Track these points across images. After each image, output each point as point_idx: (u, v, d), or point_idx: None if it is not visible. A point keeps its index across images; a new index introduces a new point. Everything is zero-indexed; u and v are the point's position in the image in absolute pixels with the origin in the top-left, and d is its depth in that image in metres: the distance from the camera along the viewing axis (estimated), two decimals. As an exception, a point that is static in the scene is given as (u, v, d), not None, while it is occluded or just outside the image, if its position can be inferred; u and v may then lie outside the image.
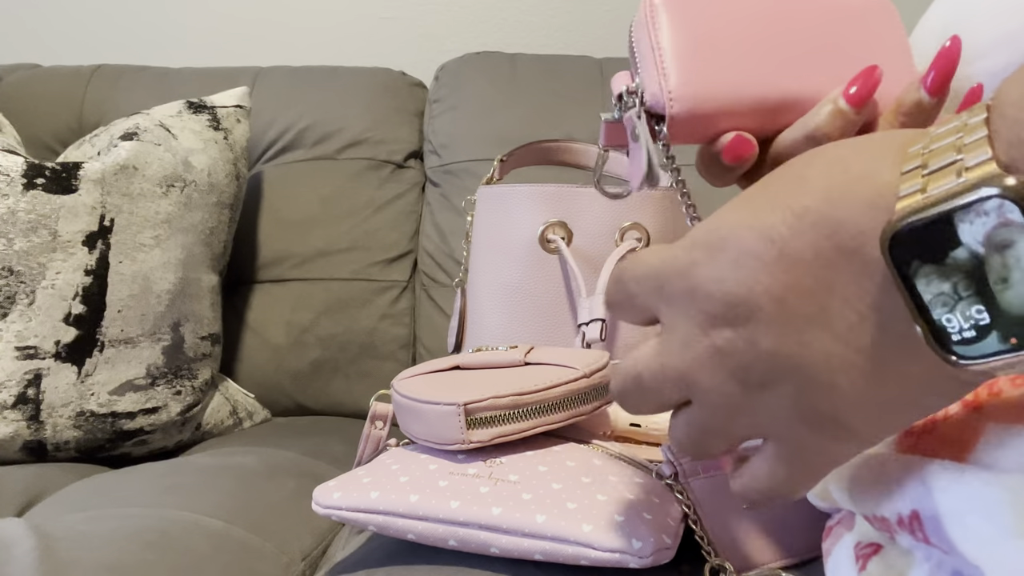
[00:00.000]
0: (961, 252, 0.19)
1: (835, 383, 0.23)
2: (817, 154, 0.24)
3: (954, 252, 0.19)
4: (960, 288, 0.19)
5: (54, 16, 1.32)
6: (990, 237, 0.18)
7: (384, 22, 1.30)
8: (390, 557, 0.43)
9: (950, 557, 0.25)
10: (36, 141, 1.08)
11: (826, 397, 0.24)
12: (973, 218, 0.18)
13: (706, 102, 0.32)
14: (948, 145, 0.20)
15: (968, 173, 0.18)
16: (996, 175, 0.18)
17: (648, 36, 0.33)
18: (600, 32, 1.29)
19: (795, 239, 0.23)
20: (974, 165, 0.18)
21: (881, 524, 0.28)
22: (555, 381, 0.45)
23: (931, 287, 0.19)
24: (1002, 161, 0.18)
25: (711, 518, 0.42)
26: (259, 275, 1.05)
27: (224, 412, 0.93)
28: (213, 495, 0.63)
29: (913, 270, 0.20)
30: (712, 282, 0.24)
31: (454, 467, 0.44)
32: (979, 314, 0.19)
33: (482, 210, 0.74)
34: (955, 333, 0.19)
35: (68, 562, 0.48)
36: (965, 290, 0.19)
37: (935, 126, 0.21)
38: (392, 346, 1.04)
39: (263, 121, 1.10)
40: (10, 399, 0.75)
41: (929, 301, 0.20)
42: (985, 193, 0.18)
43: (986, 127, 0.19)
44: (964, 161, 0.19)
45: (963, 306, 0.19)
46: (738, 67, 0.32)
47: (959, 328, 0.19)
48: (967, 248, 0.18)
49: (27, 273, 0.77)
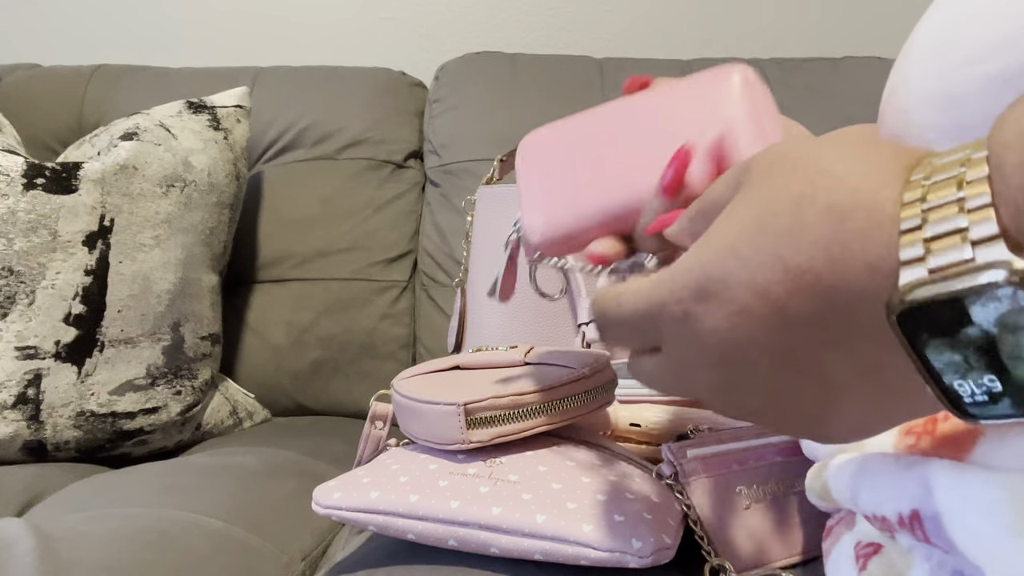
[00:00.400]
0: (973, 330, 0.18)
1: (824, 422, 0.24)
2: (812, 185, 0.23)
3: (966, 329, 0.19)
4: (972, 360, 0.19)
5: (54, 16, 1.32)
6: (1003, 320, 0.18)
7: (384, 22, 1.30)
8: (390, 557, 0.43)
9: (950, 556, 0.25)
10: (36, 141, 1.08)
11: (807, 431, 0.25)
12: (986, 301, 0.18)
13: (557, 229, 0.38)
14: (950, 203, 0.19)
15: (977, 250, 0.18)
16: (1006, 261, 0.17)
17: (518, 179, 0.39)
18: (600, 32, 1.29)
19: (793, 299, 0.22)
20: (981, 240, 0.18)
21: (881, 523, 0.28)
22: (555, 381, 0.45)
23: (942, 357, 0.19)
24: (1010, 235, 0.18)
25: (711, 518, 0.42)
26: (259, 275, 1.05)
27: (224, 412, 0.93)
28: (213, 495, 0.63)
29: (923, 342, 0.19)
30: (708, 334, 0.24)
31: (454, 467, 0.44)
32: (991, 382, 0.19)
33: (482, 210, 0.74)
34: (967, 397, 0.19)
35: (68, 562, 0.48)
36: (977, 361, 0.19)
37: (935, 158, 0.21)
38: (392, 346, 1.04)
39: (263, 121, 1.10)
40: (10, 399, 0.75)
41: (940, 369, 0.19)
42: (997, 278, 0.17)
43: (988, 187, 0.18)
44: (970, 231, 0.18)
45: (975, 375, 0.19)
46: (576, 192, 0.37)
47: (971, 393, 0.19)
48: (979, 327, 0.18)
49: (27, 273, 0.77)
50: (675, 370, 0.27)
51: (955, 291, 0.18)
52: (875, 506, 0.28)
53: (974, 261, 0.18)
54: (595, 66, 1.12)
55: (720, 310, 0.24)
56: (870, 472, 0.29)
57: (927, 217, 0.19)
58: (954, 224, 0.18)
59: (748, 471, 0.44)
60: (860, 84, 1.09)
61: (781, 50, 1.27)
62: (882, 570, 0.29)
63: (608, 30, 1.29)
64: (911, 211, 0.20)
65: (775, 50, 1.27)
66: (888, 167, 0.22)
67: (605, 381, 0.48)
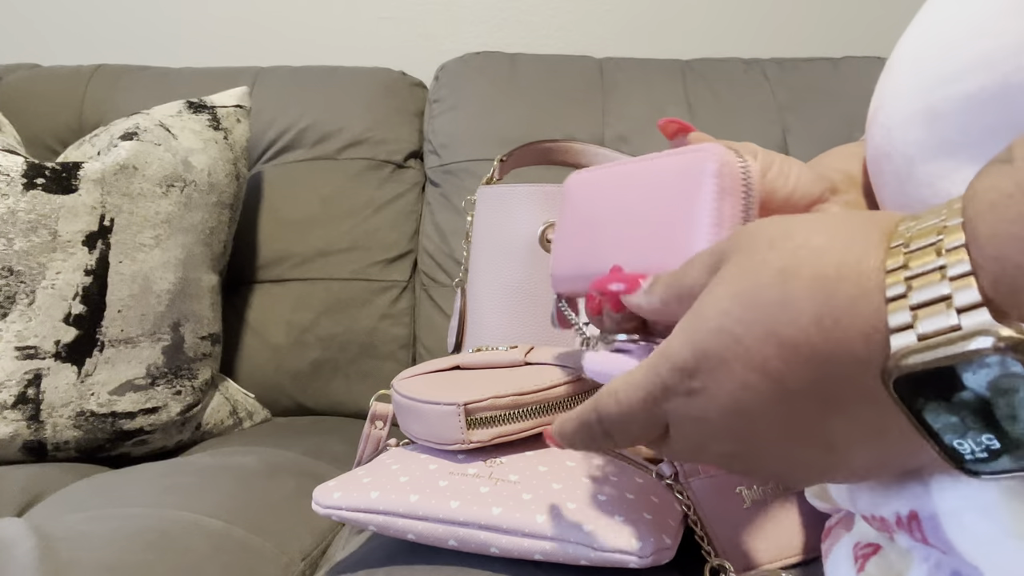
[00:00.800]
0: (967, 394, 0.19)
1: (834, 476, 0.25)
2: (794, 257, 0.23)
3: (960, 393, 0.19)
4: (969, 421, 0.19)
5: (54, 16, 1.32)
6: (995, 384, 0.18)
7: (384, 22, 1.30)
8: (390, 557, 0.43)
9: (948, 557, 0.25)
10: (36, 141, 1.08)
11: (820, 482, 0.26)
12: (976, 368, 0.18)
13: (561, 281, 0.43)
14: (932, 271, 0.19)
15: (962, 317, 0.18)
16: (990, 327, 0.18)
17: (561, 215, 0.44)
18: (600, 32, 1.29)
19: (792, 374, 0.22)
20: (965, 307, 0.19)
21: (880, 524, 0.28)
22: (555, 381, 0.45)
23: (940, 419, 0.20)
24: (993, 303, 0.18)
25: (711, 518, 0.42)
26: (259, 275, 1.05)
27: (224, 412, 0.93)
28: (213, 495, 0.63)
29: (920, 405, 0.20)
30: (713, 410, 0.25)
31: (454, 467, 0.44)
32: (990, 441, 0.19)
33: (482, 210, 0.74)
34: (968, 454, 0.20)
35: (68, 562, 0.48)
36: (974, 422, 0.19)
37: (910, 222, 0.21)
38: (392, 346, 1.04)
39: (263, 121, 1.09)
40: (10, 399, 0.75)
41: (939, 429, 0.20)
42: (984, 345, 0.18)
43: (967, 255, 0.19)
44: (954, 299, 0.19)
45: (973, 434, 0.19)
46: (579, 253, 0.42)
47: (971, 451, 0.20)
48: (972, 391, 0.19)
49: (27, 273, 0.77)
50: (685, 448, 0.28)
51: (946, 358, 0.19)
52: (873, 507, 0.28)
53: (961, 329, 0.18)
54: (595, 66, 1.12)
55: (721, 387, 0.24)
56: (869, 473, 0.29)
57: (911, 284, 0.20)
58: (938, 291, 0.19)
59: (748, 471, 0.44)
60: (860, 84, 1.09)
61: (781, 50, 1.27)
62: (880, 571, 0.29)
63: (608, 30, 1.29)
64: (895, 278, 0.20)
65: (775, 50, 1.27)
66: (866, 236, 0.22)
67: (605, 381, 0.48)
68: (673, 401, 0.26)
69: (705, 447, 0.27)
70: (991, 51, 0.25)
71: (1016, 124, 0.25)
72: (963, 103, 0.26)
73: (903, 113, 0.29)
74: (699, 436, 0.26)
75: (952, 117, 0.27)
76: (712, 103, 1.08)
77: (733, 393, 0.24)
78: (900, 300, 0.20)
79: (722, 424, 0.25)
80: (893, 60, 0.31)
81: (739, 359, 0.23)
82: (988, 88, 0.25)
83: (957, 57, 0.27)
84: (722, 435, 0.25)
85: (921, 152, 0.28)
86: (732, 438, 0.25)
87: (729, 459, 0.27)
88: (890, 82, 0.30)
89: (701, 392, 0.25)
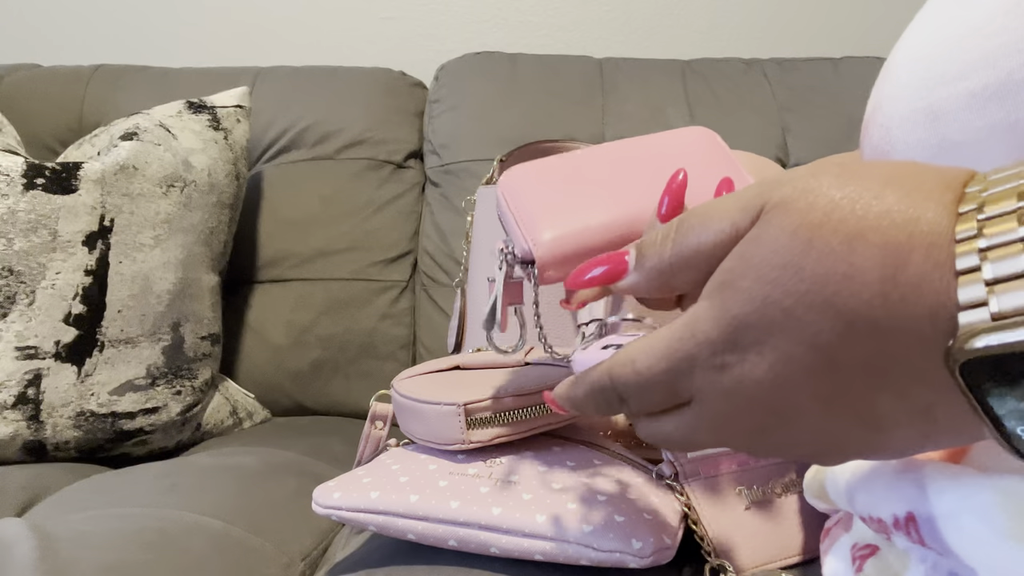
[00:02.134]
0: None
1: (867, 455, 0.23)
2: (860, 219, 0.20)
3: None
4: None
5: (54, 16, 1.32)
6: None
7: (384, 22, 1.30)
8: (390, 557, 0.43)
9: (945, 558, 0.25)
10: (36, 141, 1.08)
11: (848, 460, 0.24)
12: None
13: (564, 242, 0.38)
14: (1012, 242, 0.18)
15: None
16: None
17: (507, 210, 0.40)
18: (600, 32, 1.29)
19: (845, 348, 0.21)
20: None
21: (877, 525, 0.28)
22: (555, 381, 0.45)
23: (1005, 405, 0.18)
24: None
25: (711, 518, 0.42)
26: (259, 275, 1.05)
27: (224, 412, 0.93)
28: (213, 495, 0.63)
29: (985, 390, 0.19)
30: (750, 384, 0.23)
31: (454, 467, 0.44)
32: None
33: (482, 210, 0.74)
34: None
35: (68, 562, 0.48)
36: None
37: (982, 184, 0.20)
38: (392, 346, 1.04)
39: (263, 121, 1.10)
40: (10, 399, 0.75)
41: (1003, 415, 0.19)
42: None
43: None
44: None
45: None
46: (581, 209, 0.38)
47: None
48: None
49: (27, 273, 0.77)
50: (709, 422, 0.25)
51: (1021, 343, 0.17)
52: (871, 508, 0.28)
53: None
54: (595, 66, 1.12)
55: (763, 360, 0.22)
56: (866, 474, 0.29)
57: (987, 256, 0.18)
58: (1017, 266, 0.17)
59: (748, 471, 0.44)
60: (860, 84, 1.09)
61: (781, 50, 1.27)
62: (878, 572, 0.29)
63: (608, 30, 1.29)
64: (967, 247, 0.19)
65: (775, 50, 1.27)
66: (940, 196, 0.20)
67: (605, 381, 0.48)
68: (700, 375, 0.24)
69: (732, 421, 0.24)
70: (993, 49, 0.25)
71: (1017, 122, 0.25)
72: (965, 101, 0.26)
73: (903, 113, 0.29)
74: (727, 409, 0.24)
75: (953, 116, 0.27)
76: (712, 103, 1.08)
77: (774, 367, 0.22)
78: (973, 273, 0.18)
79: (756, 397, 0.23)
80: (891, 61, 0.31)
81: (786, 332, 0.21)
82: (991, 86, 0.25)
83: (959, 56, 0.27)
84: (754, 409, 0.23)
85: (921, 151, 0.28)
86: (765, 412, 0.23)
87: (756, 435, 0.24)
88: (888, 82, 0.30)
89: (735, 366, 0.23)
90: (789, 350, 0.22)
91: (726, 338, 0.23)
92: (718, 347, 0.23)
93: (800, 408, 0.22)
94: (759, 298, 0.22)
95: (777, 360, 0.22)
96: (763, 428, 0.24)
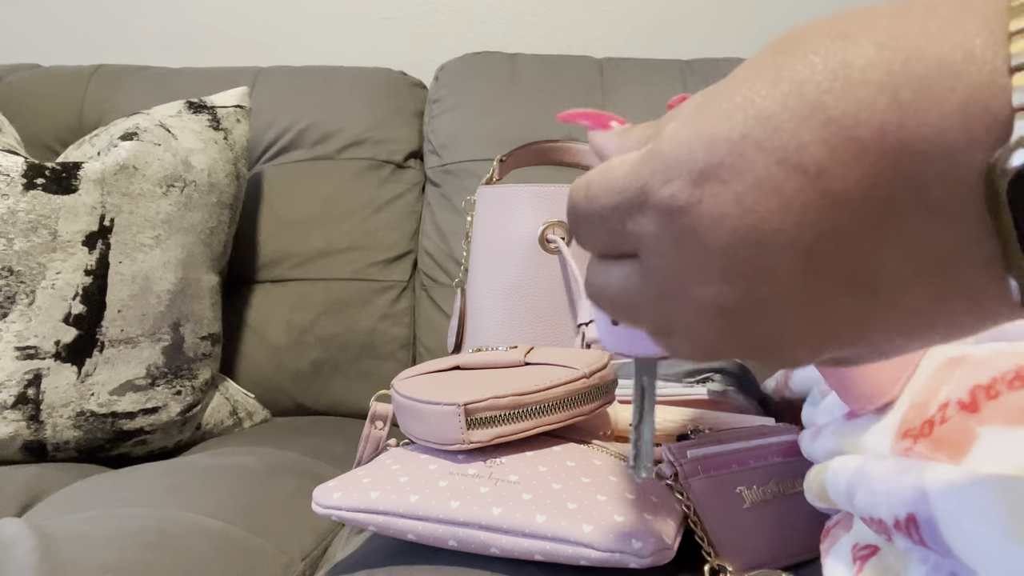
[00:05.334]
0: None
1: (854, 343, 0.18)
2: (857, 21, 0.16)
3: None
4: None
5: (54, 16, 1.32)
6: None
7: (384, 22, 1.30)
8: (390, 557, 0.43)
9: (946, 559, 0.25)
10: (36, 141, 1.08)
11: (828, 357, 0.19)
12: None
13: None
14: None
15: None
16: None
17: None
18: (600, 32, 1.29)
19: (839, 165, 0.16)
20: None
21: (878, 526, 0.28)
22: (555, 381, 0.45)
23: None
24: None
25: (711, 518, 0.42)
26: (259, 275, 1.05)
27: (224, 412, 0.93)
28: (213, 495, 0.63)
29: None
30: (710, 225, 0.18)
31: (454, 467, 0.44)
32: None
33: (482, 210, 0.74)
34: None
35: (68, 562, 0.48)
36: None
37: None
38: (392, 346, 1.04)
39: (263, 121, 1.10)
40: (10, 399, 0.75)
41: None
42: None
43: None
44: None
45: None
46: None
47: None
48: None
49: (27, 273, 0.77)
50: (655, 284, 0.20)
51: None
52: (871, 509, 0.28)
53: None
54: (595, 66, 1.12)
55: (729, 189, 0.17)
56: (867, 475, 0.29)
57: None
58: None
59: (748, 471, 0.44)
60: (860, 84, 1.09)
61: (781, 50, 1.27)
62: (879, 572, 0.29)
63: (608, 30, 1.29)
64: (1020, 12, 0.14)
65: (775, 50, 1.27)
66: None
67: (605, 381, 0.48)
68: (651, 216, 0.19)
69: (678, 291, 0.19)
70: None
71: None
72: None
73: None
74: (676, 269, 0.19)
75: None
76: (712, 103, 1.07)
77: (744, 198, 0.17)
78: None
79: (718, 248, 0.18)
80: None
81: (763, 147, 0.17)
82: None
83: None
84: (712, 269, 0.18)
85: None
86: (726, 275, 0.18)
87: (710, 315, 0.19)
88: None
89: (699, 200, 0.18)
90: (767, 174, 0.17)
91: (689, 160, 0.18)
92: (680, 170, 0.18)
93: (773, 266, 0.17)
94: (732, 107, 0.18)
95: (748, 187, 0.17)
96: (721, 304, 0.18)
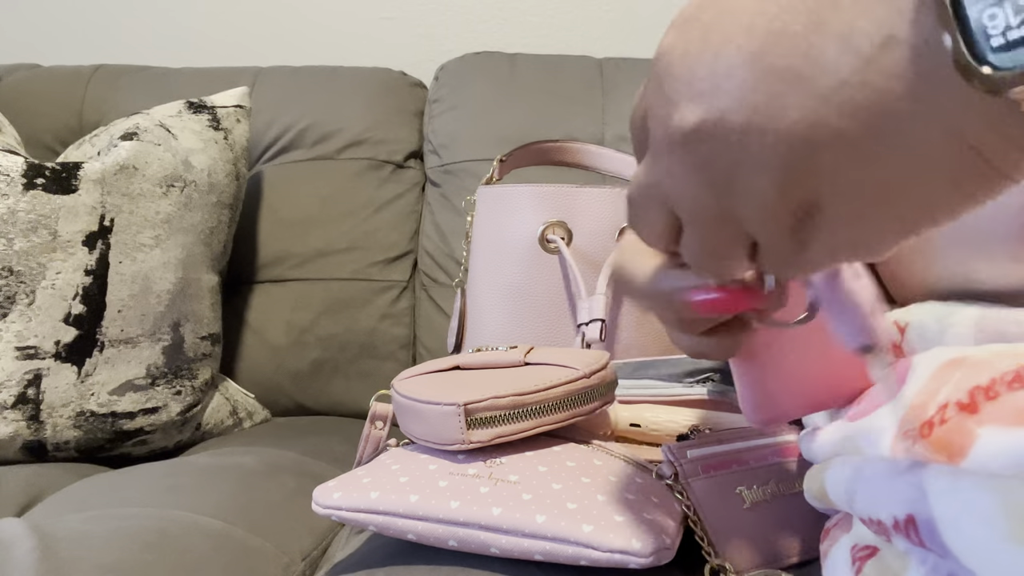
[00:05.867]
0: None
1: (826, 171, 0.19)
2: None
3: None
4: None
5: (54, 16, 1.32)
6: None
7: (384, 22, 1.30)
8: (390, 557, 0.43)
9: (945, 561, 0.25)
10: (36, 141, 1.08)
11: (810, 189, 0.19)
12: None
13: None
14: None
15: None
16: None
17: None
18: (600, 32, 1.29)
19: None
20: None
21: (877, 527, 0.28)
22: (555, 381, 0.45)
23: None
24: None
25: (711, 518, 0.42)
26: (259, 275, 1.05)
27: (224, 412, 0.93)
28: (213, 495, 0.63)
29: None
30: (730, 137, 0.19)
31: (454, 467, 0.44)
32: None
33: (482, 210, 0.74)
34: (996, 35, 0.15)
35: (68, 562, 0.48)
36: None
37: None
38: (392, 346, 1.04)
39: (263, 121, 1.10)
40: (10, 399, 0.75)
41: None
42: None
43: None
44: None
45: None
46: None
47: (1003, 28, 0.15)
48: None
49: (27, 273, 0.77)
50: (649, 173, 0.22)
51: None
52: (871, 510, 0.28)
53: None
54: (595, 66, 1.12)
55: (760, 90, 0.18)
56: (866, 476, 0.29)
57: None
58: None
59: (748, 471, 0.44)
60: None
61: (781, 50, 1.27)
62: (878, 573, 0.29)
63: (608, 30, 1.29)
64: None
65: (775, 50, 1.27)
66: None
67: (605, 381, 0.48)
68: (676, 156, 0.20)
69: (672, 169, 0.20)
70: None
71: None
72: None
73: None
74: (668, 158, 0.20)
75: None
76: (712, 103, 1.07)
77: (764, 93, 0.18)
78: None
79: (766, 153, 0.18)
80: None
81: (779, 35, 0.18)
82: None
83: None
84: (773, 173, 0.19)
85: None
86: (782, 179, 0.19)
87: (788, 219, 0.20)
88: None
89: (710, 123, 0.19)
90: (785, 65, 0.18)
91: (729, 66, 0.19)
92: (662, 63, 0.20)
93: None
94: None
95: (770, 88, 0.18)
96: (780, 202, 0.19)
